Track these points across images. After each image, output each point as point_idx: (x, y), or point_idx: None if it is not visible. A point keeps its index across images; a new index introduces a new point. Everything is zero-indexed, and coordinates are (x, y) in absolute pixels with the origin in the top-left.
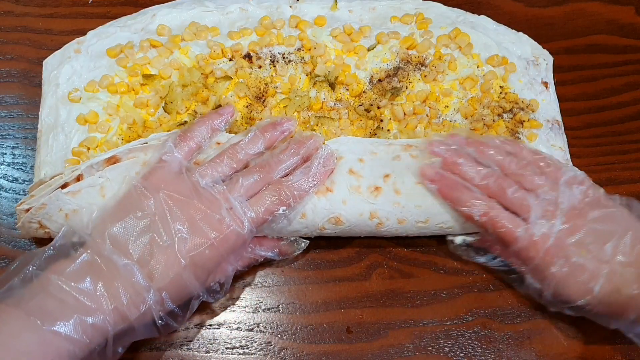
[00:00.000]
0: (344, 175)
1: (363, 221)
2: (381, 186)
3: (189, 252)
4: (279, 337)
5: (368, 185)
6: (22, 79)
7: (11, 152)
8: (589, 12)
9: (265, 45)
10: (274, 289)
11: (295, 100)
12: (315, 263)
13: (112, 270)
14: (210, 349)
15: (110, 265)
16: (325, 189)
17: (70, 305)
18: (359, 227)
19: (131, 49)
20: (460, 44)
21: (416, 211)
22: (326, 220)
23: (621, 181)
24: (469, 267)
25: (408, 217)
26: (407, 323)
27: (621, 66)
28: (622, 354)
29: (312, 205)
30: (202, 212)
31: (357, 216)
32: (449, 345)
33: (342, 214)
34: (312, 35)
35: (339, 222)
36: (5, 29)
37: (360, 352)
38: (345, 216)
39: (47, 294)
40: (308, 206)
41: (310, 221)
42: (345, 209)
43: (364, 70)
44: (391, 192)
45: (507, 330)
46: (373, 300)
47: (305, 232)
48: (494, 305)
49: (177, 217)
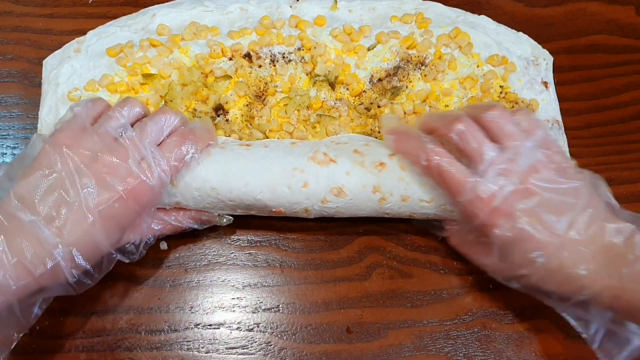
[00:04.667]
0: (348, 153)
1: (366, 194)
2: (386, 162)
3: (97, 206)
4: (279, 337)
5: (372, 161)
6: (22, 79)
7: (11, 152)
8: (589, 12)
9: (265, 45)
10: (274, 289)
11: (295, 99)
12: (315, 263)
13: (17, 226)
14: (210, 349)
15: (15, 221)
16: (328, 160)
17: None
18: (361, 202)
19: (131, 48)
20: (460, 43)
21: (420, 189)
22: (328, 190)
23: (621, 181)
24: (469, 267)
25: (412, 195)
26: (407, 323)
27: (621, 66)
28: None
29: (314, 175)
30: (109, 165)
31: (360, 188)
32: (449, 345)
33: (344, 184)
34: (312, 35)
35: (341, 193)
36: (5, 29)
37: (360, 352)
38: (348, 187)
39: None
40: (310, 176)
41: (313, 191)
42: (348, 180)
43: (364, 69)
44: (396, 168)
45: (507, 330)
46: (373, 300)
47: (307, 204)
48: (494, 305)
49: (84, 172)
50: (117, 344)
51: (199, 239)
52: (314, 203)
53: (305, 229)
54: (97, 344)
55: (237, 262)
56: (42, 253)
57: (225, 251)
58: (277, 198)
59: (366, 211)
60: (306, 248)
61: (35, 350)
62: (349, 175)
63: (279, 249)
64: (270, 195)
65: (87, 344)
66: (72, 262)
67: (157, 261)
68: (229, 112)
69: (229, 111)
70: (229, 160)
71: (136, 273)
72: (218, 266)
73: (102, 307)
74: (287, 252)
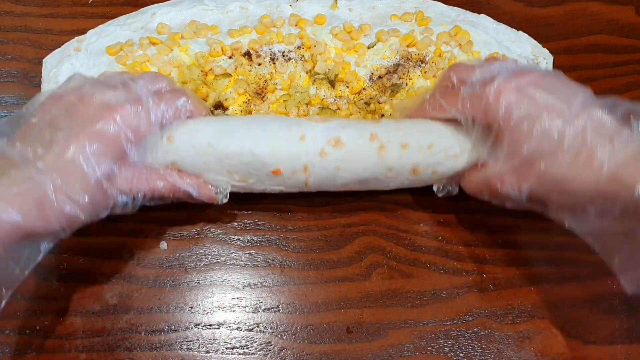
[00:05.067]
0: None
1: (364, 143)
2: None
3: (84, 131)
4: (279, 337)
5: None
6: (22, 79)
7: None
8: (589, 12)
9: (265, 44)
10: (274, 289)
11: (295, 96)
12: (315, 263)
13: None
14: (210, 349)
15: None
16: (323, 120)
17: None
18: (360, 152)
19: (131, 46)
20: (460, 41)
21: (419, 135)
22: (326, 142)
23: None
24: (469, 267)
25: (411, 141)
26: (407, 323)
27: (621, 66)
28: (622, 354)
29: (311, 129)
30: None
31: (357, 137)
32: (449, 345)
33: (342, 135)
34: (312, 34)
35: (338, 143)
36: (5, 29)
37: (360, 352)
38: (345, 137)
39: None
40: (307, 129)
41: (310, 144)
42: (345, 132)
43: (364, 67)
44: (391, 121)
45: (507, 330)
46: (373, 300)
47: (305, 160)
48: (494, 305)
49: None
50: (117, 344)
51: (199, 239)
52: (313, 158)
53: (305, 229)
54: (97, 344)
55: (237, 262)
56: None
57: (225, 251)
58: (275, 152)
59: (368, 166)
60: (306, 248)
61: (35, 350)
62: (345, 128)
63: (279, 249)
64: (267, 149)
65: (87, 344)
66: (57, 189)
67: (157, 261)
68: (228, 108)
69: (228, 107)
70: (226, 119)
71: (136, 273)
72: (218, 266)
73: (102, 307)
74: (287, 252)
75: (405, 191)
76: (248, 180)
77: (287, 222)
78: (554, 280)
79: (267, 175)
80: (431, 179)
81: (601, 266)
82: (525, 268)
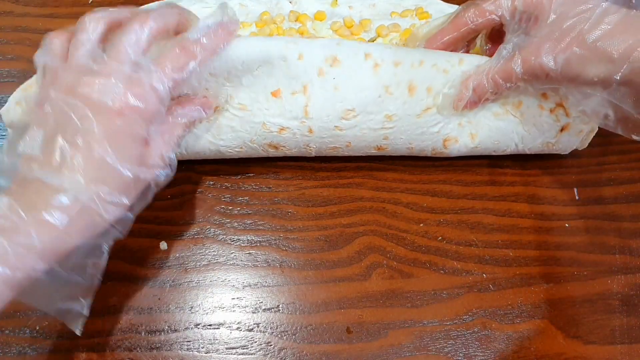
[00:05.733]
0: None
1: (359, 61)
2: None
3: (100, 132)
4: (279, 337)
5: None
6: (22, 79)
7: None
8: None
9: None
10: (274, 289)
11: None
12: (315, 263)
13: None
14: (210, 349)
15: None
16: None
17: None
18: (356, 69)
19: None
20: None
21: (413, 51)
22: (323, 60)
23: (621, 181)
24: (469, 267)
25: (403, 59)
26: (407, 323)
27: None
28: (622, 354)
29: (307, 47)
30: (96, 88)
31: (352, 55)
32: (449, 345)
33: (337, 53)
34: (312, 29)
35: (335, 61)
36: (5, 29)
37: (360, 352)
38: (341, 55)
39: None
40: (304, 47)
41: (308, 62)
42: (339, 49)
43: None
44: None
45: (507, 330)
46: (373, 300)
47: (305, 79)
48: (494, 305)
49: (74, 106)
50: (117, 344)
51: (199, 239)
52: (312, 77)
53: (305, 229)
54: (97, 344)
55: (237, 262)
56: (62, 203)
57: (225, 251)
58: (274, 71)
59: (365, 84)
60: (306, 248)
61: (35, 350)
62: (339, 45)
63: (279, 249)
64: (266, 68)
65: (87, 344)
66: (99, 199)
67: (157, 261)
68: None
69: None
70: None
71: (136, 273)
72: (218, 266)
73: (102, 307)
74: (287, 252)
75: (406, 191)
76: (247, 107)
77: (287, 222)
78: (554, 280)
79: (266, 99)
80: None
81: (601, 266)
82: (525, 268)
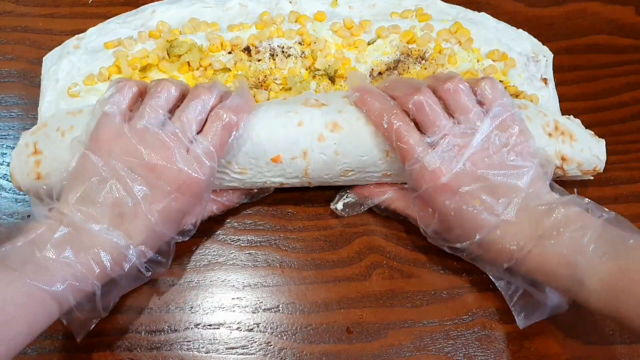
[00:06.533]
0: (338, 97)
1: (360, 126)
2: None
3: (156, 207)
4: (279, 337)
5: None
6: (22, 79)
7: (11, 152)
8: (589, 12)
9: (264, 39)
10: (274, 289)
11: (295, 87)
12: (315, 263)
13: (90, 237)
14: (210, 349)
15: (86, 233)
16: (320, 104)
17: (57, 272)
18: (357, 135)
19: (130, 39)
20: (460, 38)
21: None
22: (323, 126)
23: (621, 181)
24: (469, 267)
25: None
26: (407, 323)
27: (621, 66)
28: (622, 354)
29: (308, 114)
30: (157, 167)
31: (354, 120)
32: (449, 345)
33: (339, 120)
34: (312, 30)
35: (336, 127)
36: (5, 29)
37: (360, 352)
38: (342, 121)
39: (34, 263)
40: (305, 115)
41: (308, 128)
42: (341, 116)
43: (364, 63)
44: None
45: (507, 330)
46: (373, 300)
47: (304, 145)
48: (494, 305)
49: (133, 177)
50: (117, 344)
51: (199, 239)
52: (312, 143)
53: (305, 229)
54: (97, 344)
55: (237, 262)
56: (118, 257)
57: (225, 251)
58: (274, 138)
59: (366, 149)
60: (306, 248)
61: (35, 350)
62: (341, 112)
63: (279, 249)
64: (266, 135)
65: (87, 344)
66: (144, 257)
67: None
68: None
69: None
70: None
71: None
72: (218, 266)
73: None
74: (287, 252)
75: None
76: (247, 171)
77: (287, 222)
78: None
79: (266, 164)
80: None
81: None
82: None
